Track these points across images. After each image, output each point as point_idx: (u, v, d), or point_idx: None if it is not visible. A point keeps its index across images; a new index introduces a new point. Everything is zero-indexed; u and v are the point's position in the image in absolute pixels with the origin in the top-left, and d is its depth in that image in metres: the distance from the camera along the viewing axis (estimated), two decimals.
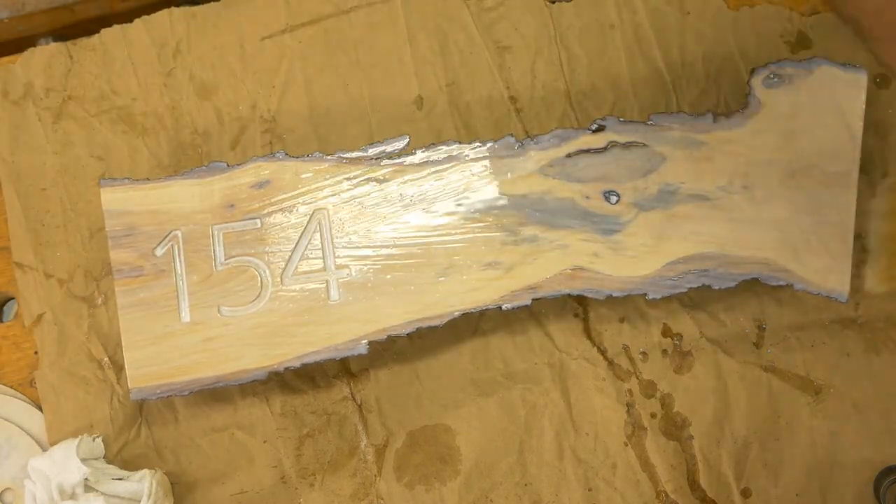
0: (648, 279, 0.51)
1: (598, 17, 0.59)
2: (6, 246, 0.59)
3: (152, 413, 0.57)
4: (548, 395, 0.56)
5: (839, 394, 0.56)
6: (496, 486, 0.56)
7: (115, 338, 0.56)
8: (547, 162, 0.52)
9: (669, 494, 0.55)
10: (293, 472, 0.56)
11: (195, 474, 0.56)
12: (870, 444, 0.55)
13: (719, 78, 0.58)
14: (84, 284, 0.58)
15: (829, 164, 0.51)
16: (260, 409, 0.57)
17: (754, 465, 0.55)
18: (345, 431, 0.57)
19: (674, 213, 0.51)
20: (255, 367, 0.51)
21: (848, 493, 0.55)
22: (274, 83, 0.59)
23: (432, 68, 0.59)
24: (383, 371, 0.57)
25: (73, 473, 0.51)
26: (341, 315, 0.51)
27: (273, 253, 0.52)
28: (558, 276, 0.51)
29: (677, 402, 0.56)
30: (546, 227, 0.51)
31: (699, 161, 0.51)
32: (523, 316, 0.57)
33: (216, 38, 0.60)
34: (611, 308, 0.57)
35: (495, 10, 0.59)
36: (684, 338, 0.57)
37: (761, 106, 0.51)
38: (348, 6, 0.60)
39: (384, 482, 0.56)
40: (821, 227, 0.51)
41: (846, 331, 0.56)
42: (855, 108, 0.50)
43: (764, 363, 0.56)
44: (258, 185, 0.52)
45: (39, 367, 0.57)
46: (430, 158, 0.52)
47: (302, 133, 0.59)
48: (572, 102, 0.58)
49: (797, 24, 0.58)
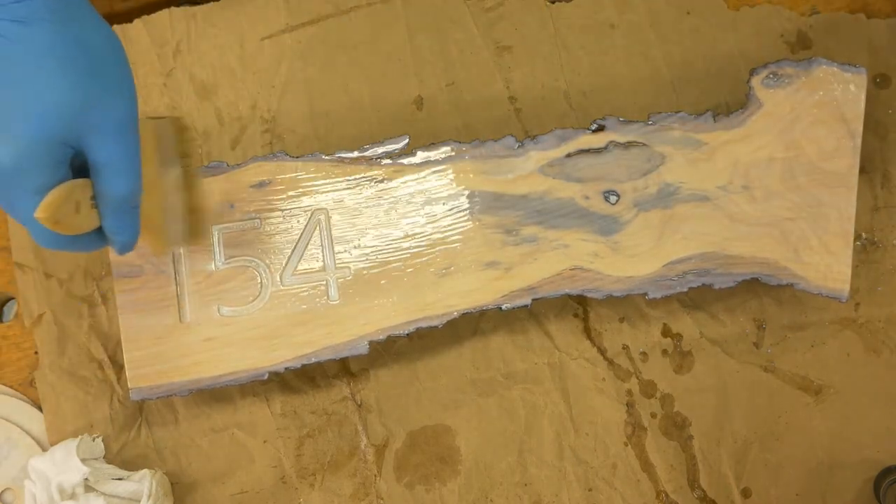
0: (648, 279, 0.51)
1: (598, 17, 0.59)
2: (6, 246, 0.59)
3: (152, 413, 0.57)
4: (548, 395, 0.56)
5: (839, 394, 0.56)
6: (496, 486, 0.56)
7: (115, 338, 0.56)
8: (547, 162, 0.52)
9: (669, 494, 0.55)
10: (293, 472, 0.56)
11: (195, 474, 0.56)
12: (870, 444, 0.55)
13: (719, 78, 0.58)
14: (84, 284, 0.58)
15: (829, 164, 0.51)
16: (260, 409, 0.57)
17: (754, 465, 0.55)
18: (345, 431, 0.57)
19: (674, 213, 0.51)
20: (255, 367, 0.51)
21: (848, 493, 0.55)
22: (274, 83, 0.59)
23: (432, 68, 0.59)
24: (383, 371, 0.57)
25: (73, 473, 0.51)
26: (341, 315, 0.51)
27: (273, 253, 0.52)
28: (558, 276, 0.51)
29: (677, 402, 0.56)
30: (546, 227, 0.51)
31: (699, 161, 0.51)
32: (523, 316, 0.57)
33: (216, 38, 0.60)
34: (611, 308, 0.57)
35: (495, 10, 0.59)
36: (684, 338, 0.57)
37: (761, 106, 0.51)
38: (348, 6, 0.60)
39: (384, 482, 0.56)
40: (821, 227, 0.51)
41: (846, 331, 0.56)
42: (855, 108, 0.50)
43: (764, 363, 0.56)
44: (258, 185, 0.52)
45: (39, 367, 0.57)
46: (429, 158, 0.52)
47: (302, 133, 0.59)
48: (572, 102, 0.58)
49: (797, 24, 0.58)
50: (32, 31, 0.37)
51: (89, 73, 0.38)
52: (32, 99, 0.37)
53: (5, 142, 0.36)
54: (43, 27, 0.37)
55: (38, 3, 0.37)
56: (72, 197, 0.39)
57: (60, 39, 0.37)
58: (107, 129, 0.39)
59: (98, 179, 0.40)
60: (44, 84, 0.37)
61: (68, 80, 0.37)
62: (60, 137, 0.37)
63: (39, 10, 0.37)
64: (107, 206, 0.41)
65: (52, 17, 0.37)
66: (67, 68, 0.37)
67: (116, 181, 0.40)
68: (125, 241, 0.43)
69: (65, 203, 0.39)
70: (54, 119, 0.37)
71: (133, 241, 0.44)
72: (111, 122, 0.39)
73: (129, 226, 0.43)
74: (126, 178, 0.40)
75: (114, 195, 0.40)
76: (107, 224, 0.42)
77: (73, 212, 0.39)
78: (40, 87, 0.37)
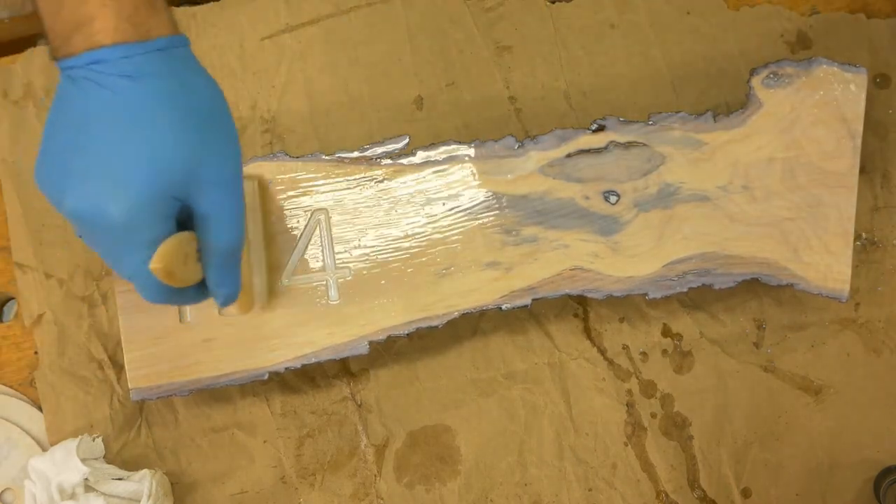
0: (648, 279, 0.51)
1: (598, 17, 0.59)
2: (6, 246, 0.59)
3: (152, 413, 0.57)
4: (548, 395, 0.56)
5: (839, 394, 0.56)
6: (496, 486, 0.56)
7: (115, 338, 0.56)
8: (547, 162, 0.51)
9: (669, 494, 0.55)
10: (293, 472, 0.56)
11: (195, 474, 0.56)
12: (870, 444, 0.55)
13: (719, 78, 0.58)
14: (84, 284, 0.58)
15: (829, 164, 0.51)
16: (260, 409, 0.57)
17: (754, 465, 0.55)
18: (345, 431, 0.57)
19: (674, 214, 0.51)
20: (255, 367, 0.51)
21: (848, 493, 0.55)
22: (274, 83, 0.59)
23: (432, 68, 0.59)
24: (383, 371, 0.57)
25: (73, 473, 0.51)
26: (341, 315, 0.51)
27: (273, 253, 0.52)
28: (558, 276, 0.51)
29: (677, 402, 0.56)
30: (546, 227, 0.51)
31: (699, 161, 0.51)
32: (523, 316, 0.57)
33: (216, 38, 0.60)
34: (611, 308, 0.57)
35: (495, 10, 0.59)
36: (684, 338, 0.57)
37: (761, 106, 0.51)
38: (348, 6, 0.60)
39: (384, 482, 0.56)
40: (821, 227, 0.51)
41: (846, 331, 0.56)
42: (855, 108, 0.50)
43: (764, 363, 0.56)
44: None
45: (39, 367, 0.57)
46: (430, 158, 0.52)
47: (302, 133, 0.59)
48: (572, 102, 0.58)
49: (797, 24, 0.58)
50: (141, 85, 0.37)
51: (198, 127, 0.38)
52: (143, 154, 0.37)
53: (118, 196, 0.37)
54: (151, 82, 0.37)
55: (146, 58, 0.37)
56: (181, 249, 0.39)
57: (169, 94, 0.38)
58: (214, 182, 0.39)
59: (204, 232, 0.40)
60: (155, 139, 0.37)
61: (179, 135, 0.37)
62: (171, 191, 0.38)
63: (148, 65, 0.37)
64: (211, 258, 0.41)
65: (160, 72, 0.38)
66: (177, 123, 0.38)
67: (222, 234, 0.41)
68: (228, 294, 0.44)
69: (176, 255, 0.39)
70: (166, 173, 0.37)
71: (236, 294, 0.44)
72: (219, 176, 0.39)
73: (233, 278, 0.43)
74: (231, 230, 0.41)
75: (220, 248, 0.41)
76: (211, 277, 0.42)
77: (183, 264, 0.40)
78: (151, 141, 0.37)
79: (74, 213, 0.37)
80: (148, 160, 0.37)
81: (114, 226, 0.37)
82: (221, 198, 0.40)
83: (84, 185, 0.37)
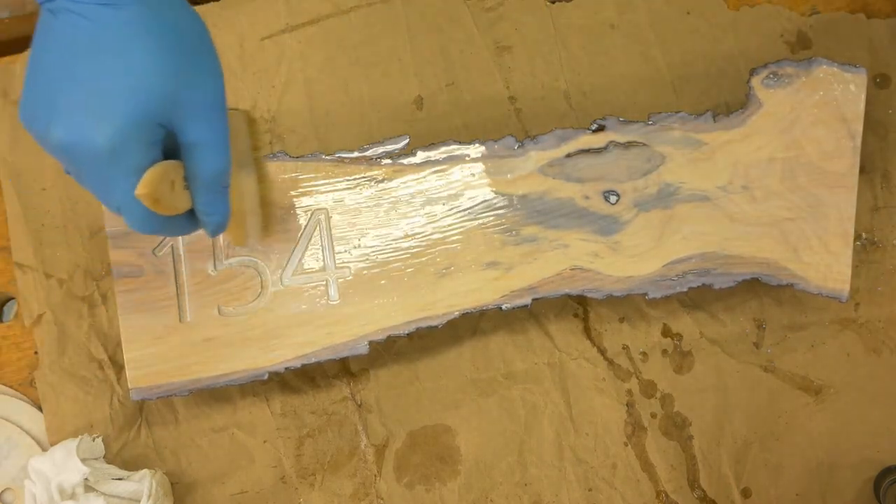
0: (648, 279, 0.51)
1: (598, 17, 0.59)
2: (6, 246, 0.59)
3: (152, 413, 0.57)
4: (548, 395, 0.56)
5: (839, 394, 0.56)
6: (496, 486, 0.56)
7: (115, 338, 0.56)
8: (547, 162, 0.52)
9: (669, 494, 0.55)
10: (293, 472, 0.56)
11: (195, 474, 0.56)
12: (870, 444, 0.55)
13: (719, 78, 0.58)
14: (84, 284, 0.58)
15: (829, 164, 0.51)
16: (260, 409, 0.57)
17: (754, 465, 0.55)
18: (345, 431, 0.57)
19: (674, 213, 0.51)
20: (255, 367, 0.51)
21: (848, 493, 0.55)
22: (274, 83, 0.59)
23: (432, 68, 0.59)
24: (383, 371, 0.57)
25: (73, 473, 0.51)
26: (341, 315, 0.51)
27: (273, 253, 0.52)
28: (558, 276, 0.51)
29: (677, 402, 0.56)
30: (546, 227, 0.51)
31: (699, 161, 0.51)
32: (523, 316, 0.57)
33: (216, 38, 0.60)
34: (611, 308, 0.57)
35: (495, 10, 0.59)
36: (684, 338, 0.57)
37: (761, 106, 0.51)
38: (348, 6, 0.60)
39: (384, 482, 0.56)
40: (821, 227, 0.51)
41: (846, 331, 0.56)
42: (855, 108, 0.50)
43: (764, 363, 0.56)
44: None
45: (39, 367, 0.57)
46: (430, 158, 0.52)
47: (302, 133, 0.59)
48: (572, 102, 0.58)
49: (797, 24, 0.58)
50: (121, 13, 0.37)
51: (180, 53, 0.38)
52: (127, 80, 0.37)
53: (101, 124, 0.37)
54: (132, 9, 0.37)
55: None
56: (167, 176, 0.40)
57: (150, 21, 0.38)
58: (199, 108, 0.40)
59: (190, 159, 0.41)
60: (137, 65, 0.37)
61: (161, 61, 0.38)
62: (155, 117, 0.38)
63: None
64: (199, 185, 0.42)
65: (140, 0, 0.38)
66: (160, 49, 0.38)
67: (208, 160, 0.41)
68: (217, 222, 0.44)
69: (162, 181, 0.39)
70: (150, 99, 0.37)
71: (225, 223, 0.45)
72: (203, 102, 0.40)
73: (221, 206, 0.44)
74: (217, 156, 0.41)
75: (206, 174, 0.41)
76: (199, 204, 0.43)
77: (169, 191, 0.40)
78: (134, 68, 0.37)
79: (60, 146, 0.37)
80: (130, 86, 0.37)
81: (100, 154, 0.37)
82: (206, 124, 0.40)
83: (69, 116, 0.37)
